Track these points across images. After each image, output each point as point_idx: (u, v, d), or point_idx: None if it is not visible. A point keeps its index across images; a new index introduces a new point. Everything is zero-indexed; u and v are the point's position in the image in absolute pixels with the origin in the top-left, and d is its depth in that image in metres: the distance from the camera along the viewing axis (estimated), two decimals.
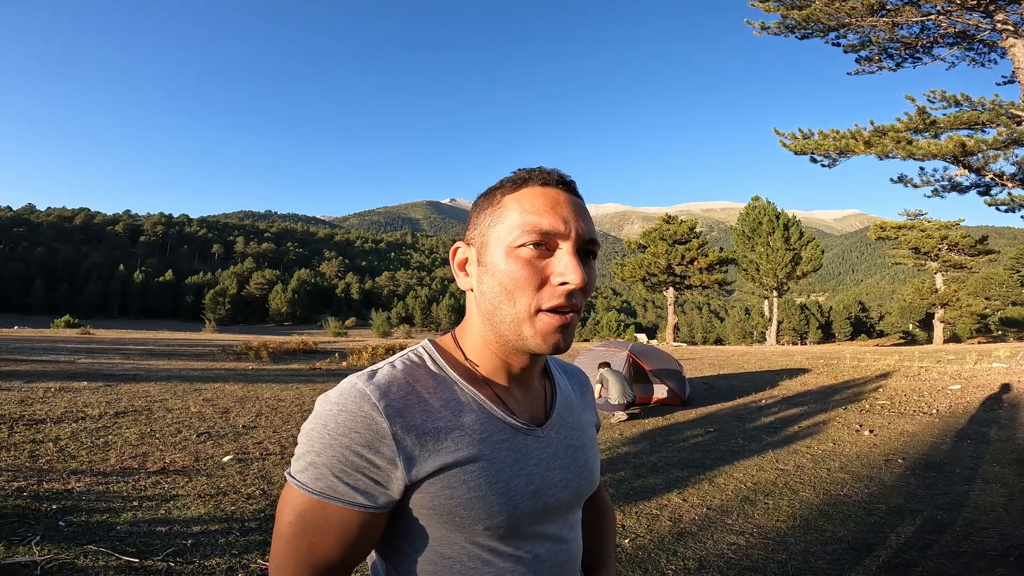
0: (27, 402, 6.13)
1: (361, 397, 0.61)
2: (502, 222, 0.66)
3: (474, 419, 0.66)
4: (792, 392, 9.44)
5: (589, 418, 0.86)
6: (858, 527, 3.54)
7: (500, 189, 0.69)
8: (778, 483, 4.45)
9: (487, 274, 0.66)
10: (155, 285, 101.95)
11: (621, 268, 37.94)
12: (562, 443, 0.75)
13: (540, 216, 0.64)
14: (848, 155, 12.27)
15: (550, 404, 0.78)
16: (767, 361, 15.07)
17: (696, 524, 3.55)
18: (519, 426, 0.69)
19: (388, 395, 0.62)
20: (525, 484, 0.67)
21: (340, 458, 0.59)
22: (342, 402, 0.61)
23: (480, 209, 0.70)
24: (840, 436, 6.18)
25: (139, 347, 15.27)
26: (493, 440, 0.66)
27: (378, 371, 0.65)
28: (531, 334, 0.64)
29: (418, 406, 0.63)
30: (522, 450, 0.68)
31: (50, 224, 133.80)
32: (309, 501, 0.59)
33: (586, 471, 0.77)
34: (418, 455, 0.61)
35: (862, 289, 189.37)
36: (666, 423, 7.03)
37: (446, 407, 0.65)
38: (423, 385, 0.66)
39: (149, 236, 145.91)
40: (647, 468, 4.87)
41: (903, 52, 12.92)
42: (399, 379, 0.64)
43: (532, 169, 0.69)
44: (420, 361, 0.69)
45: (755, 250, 37.21)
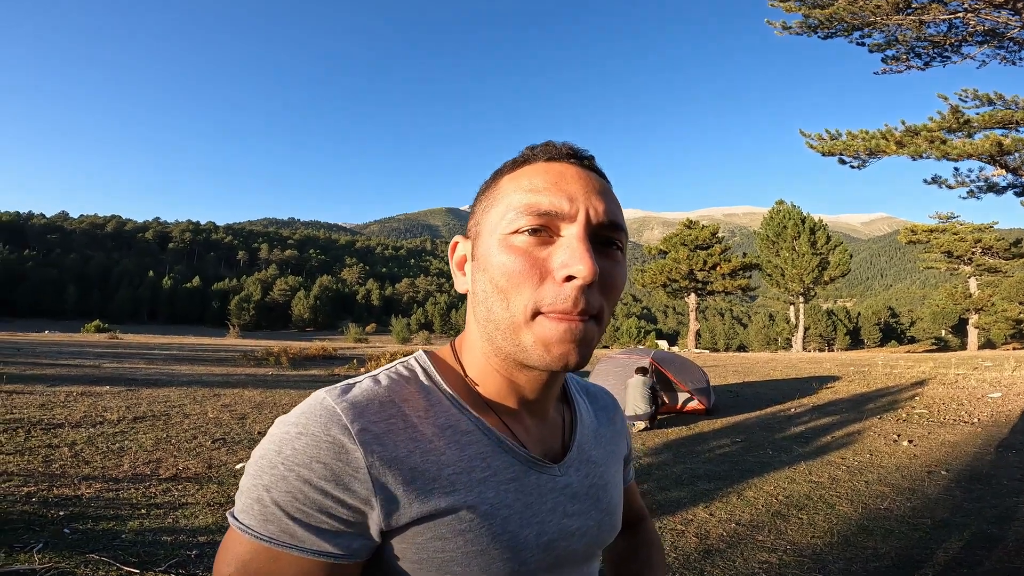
0: (47, 406, 6.19)
1: (329, 417, 0.46)
2: (496, 206, 0.52)
3: (476, 452, 0.51)
4: (823, 400, 9.09)
5: (617, 450, 0.70)
6: (902, 543, 3.31)
7: (502, 170, 0.55)
8: (812, 496, 4.21)
9: (479, 270, 0.52)
10: (183, 291, 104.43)
11: (642, 274, 37.57)
12: (583, 483, 0.60)
13: (539, 194, 0.49)
14: (879, 156, 11.96)
15: (569, 435, 0.62)
16: (794, 368, 14.63)
17: (724, 541, 3.34)
18: (532, 461, 0.54)
19: (364, 416, 0.47)
20: (536, 535, 0.52)
21: (297, 495, 0.44)
22: (304, 423, 0.46)
23: (480, 195, 0.56)
24: (877, 447, 5.87)
25: (164, 352, 15.52)
26: (499, 480, 0.51)
27: (356, 385, 0.51)
28: (531, 343, 0.48)
29: (404, 432, 0.49)
30: (534, 493, 0.54)
31: (83, 231, 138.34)
32: (255, 549, 0.44)
33: (608, 515, 0.62)
34: (401, 495, 0.47)
35: (892, 294, 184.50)
36: (690, 433, 6.79)
37: (440, 435, 0.50)
38: (412, 406, 0.51)
39: (177, 243, 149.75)
40: (671, 480, 4.66)
41: (931, 51, 12.54)
42: (381, 396, 0.50)
43: (539, 144, 0.55)
44: (411, 375, 0.54)
45: (780, 255, 36.50)
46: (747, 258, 36.65)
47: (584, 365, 0.50)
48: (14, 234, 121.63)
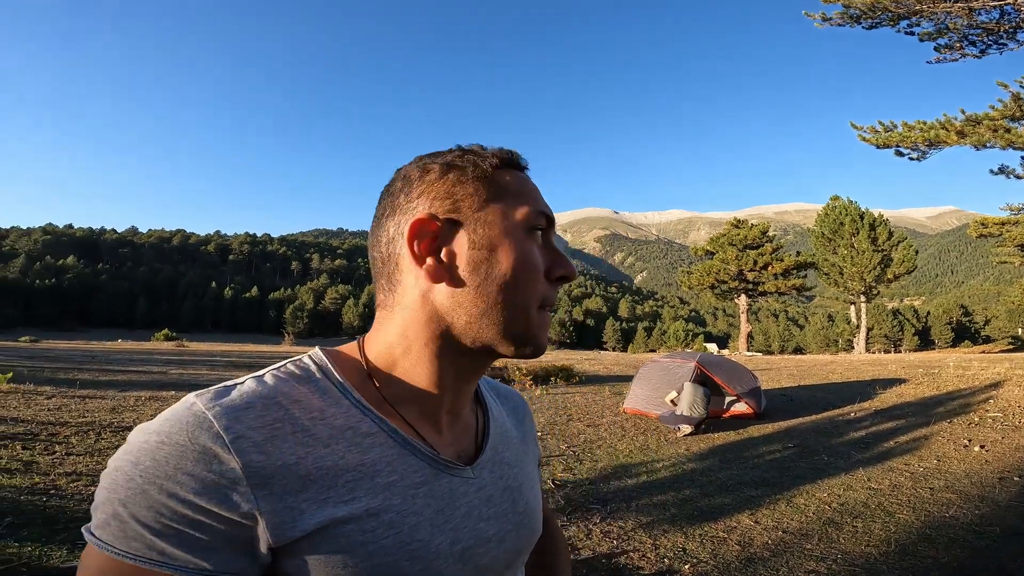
0: (118, 410, 6.62)
1: (197, 424, 0.42)
2: (505, 199, 0.53)
3: (380, 455, 0.48)
4: (886, 404, 8.56)
5: (530, 451, 0.69)
6: (966, 552, 3.09)
7: (482, 160, 0.54)
8: (870, 504, 3.97)
9: (486, 260, 0.51)
10: (242, 301, 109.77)
11: (688, 276, 36.68)
12: (497, 485, 0.58)
13: (538, 201, 0.56)
14: (939, 147, 11.30)
15: (482, 435, 0.61)
16: (855, 371, 13.86)
17: (768, 549, 3.19)
18: (442, 464, 0.52)
19: (242, 421, 0.43)
20: (451, 543, 0.50)
21: (161, 510, 0.40)
22: (167, 431, 0.42)
23: (463, 178, 0.53)
24: (945, 452, 5.48)
25: (225, 359, 16.34)
26: (406, 484, 0.48)
27: (235, 387, 0.46)
28: (538, 328, 0.53)
29: (293, 437, 0.44)
30: (446, 497, 0.51)
31: (151, 245, 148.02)
32: (119, 568, 0.40)
33: (527, 518, 0.60)
34: (291, 506, 0.42)
35: (963, 291, 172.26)
36: (738, 438, 6.55)
37: (338, 438, 0.47)
38: (304, 407, 0.47)
39: (236, 255, 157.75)
40: (715, 486, 4.50)
41: (985, 38, 11.74)
42: (265, 398, 0.45)
43: (498, 149, 0.57)
44: (304, 373, 0.50)
45: (837, 252, 34.80)
46: (801, 257, 35.14)
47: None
48: (89, 249, 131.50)
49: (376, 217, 0.56)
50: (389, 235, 0.53)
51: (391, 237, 0.53)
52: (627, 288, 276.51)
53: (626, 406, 8.09)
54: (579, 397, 9.39)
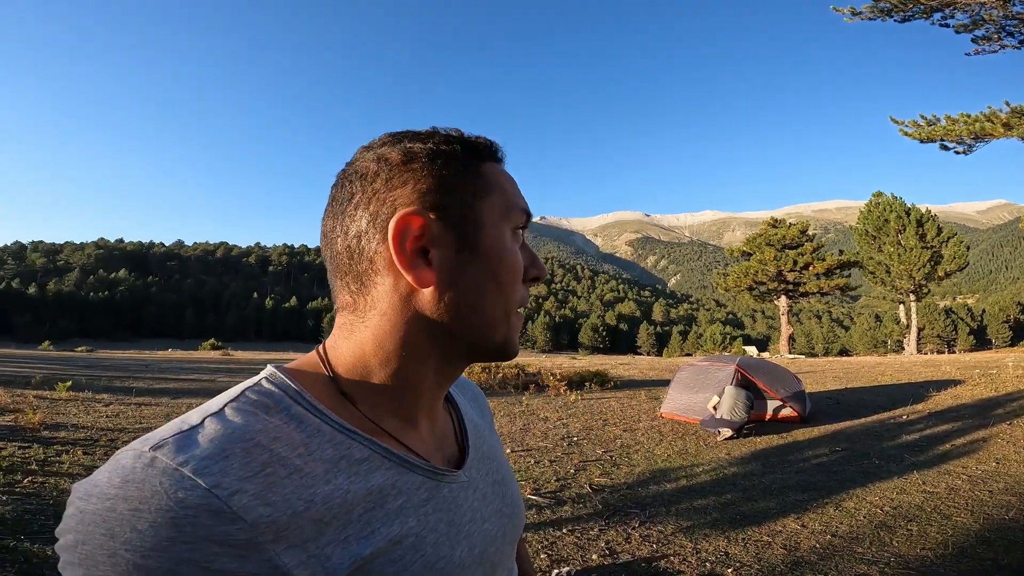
0: (171, 416, 6.93)
1: (174, 483, 0.34)
2: (490, 196, 0.49)
3: (382, 479, 0.43)
4: (941, 406, 8.16)
5: (496, 440, 0.67)
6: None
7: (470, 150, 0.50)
8: (925, 507, 3.81)
9: (475, 260, 0.47)
10: (282, 311, 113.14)
11: (724, 278, 35.78)
12: (486, 481, 0.56)
13: (520, 198, 0.52)
14: (985, 139, 10.82)
15: (461, 434, 0.58)
16: (906, 372, 13.28)
17: (816, 553, 3.10)
18: (439, 474, 0.48)
19: (229, 472, 0.35)
20: (468, 550, 0.48)
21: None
22: (135, 496, 0.33)
23: (453, 170, 0.48)
24: (1005, 455, 5.20)
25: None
26: (414, 504, 0.45)
27: (195, 431, 0.38)
28: (509, 333, 0.50)
29: (289, 480, 0.38)
30: (452, 507, 0.48)
31: (196, 258, 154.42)
32: None
33: (515, 507, 0.59)
34: (316, 555, 0.37)
35: (1021, 288, 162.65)
36: (782, 442, 6.36)
37: (335, 470, 0.41)
38: (285, 442, 0.39)
39: (276, 266, 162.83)
40: (758, 491, 4.39)
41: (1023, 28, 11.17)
42: (242, 440, 0.38)
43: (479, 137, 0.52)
44: (270, 402, 0.42)
45: (883, 250, 33.44)
46: (844, 256, 33.81)
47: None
48: (139, 262, 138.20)
49: (337, 200, 0.48)
50: (360, 227, 0.46)
51: (362, 230, 0.46)
52: (660, 291, 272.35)
53: (663, 411, 7.96)
54: (614, 402, 9.30)
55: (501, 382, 11.26)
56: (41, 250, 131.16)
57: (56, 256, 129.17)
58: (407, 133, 0.50)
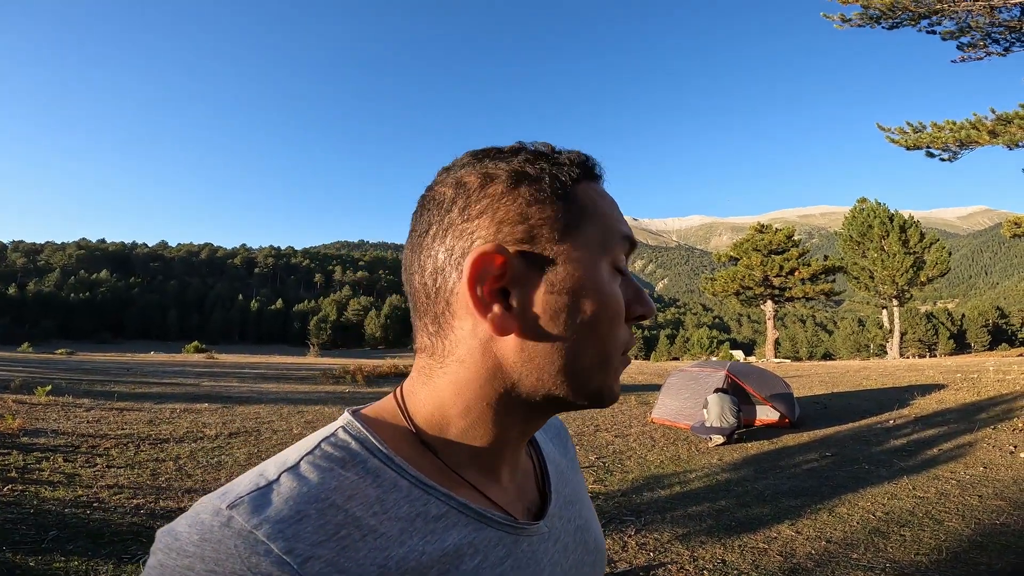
0: (155, 422, 6.78)
1: (248, 547, 0.33)
2: (593, 224, 0.43)
3: (458, 538, 0.40)
4: (927, 411, 8.28)
5: (580, 479, 0.63)
6: (1019, 558, 3.01)
7: (560, 171, 0.43)
8: (917, 512, 3.85)
9: (575, 304, 0.41)
10: (268, 313, 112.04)
11: (711, 282, 36.08)
12: (567, 529, 0.51)
13: (622, 224, 0.45)
14: (971, 147, 11.05)
15: (542, 479, 0.54)
16: (891, 376, 13.46)
17: (812, 559, 3.11)
18: (519, 528, 0.45)
19: (302, 537, 0.34)
20: None
21: None
22: (211, 556, 0.33)
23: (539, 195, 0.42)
24: (992, 459, 5.28)
25: (254, 371, 16.61)
26: (491, 562, 0.41)
27: (271, 488, 0.36)
28: (604, 379, 0.43)
29: (363, 543, 0.36)
30: (530, 563, 0.45)
31: (180, 259, 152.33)
32: None
33: (597, 553, 0.55)
34: None
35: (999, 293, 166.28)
36: (773, 447, 6.40)
37: (410, 530, 0.39)
38: (360, 501, 0.38)
39: (262, 268, 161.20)
40: (752, 497, 4.40)
41: (1008, 36, 11.46)
42: (317, 501, 0.36)
43: (574, 153, 0.46)
44: (346, 455, 0.40)
45: (867, 256, 33.95)
46: (829, 261, 34.28)
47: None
48: (121, 263, 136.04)
49: (415, 231, 0.44)
50: (437, 263, 0.42)
51: (439, 267, 0.42)
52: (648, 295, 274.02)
53: (654, 416, 7.97)
54: (605, 408, 9.31)
55: None
56: (21, 250, 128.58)
57: (37, 256, 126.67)
58: (490, 151, 0.45)
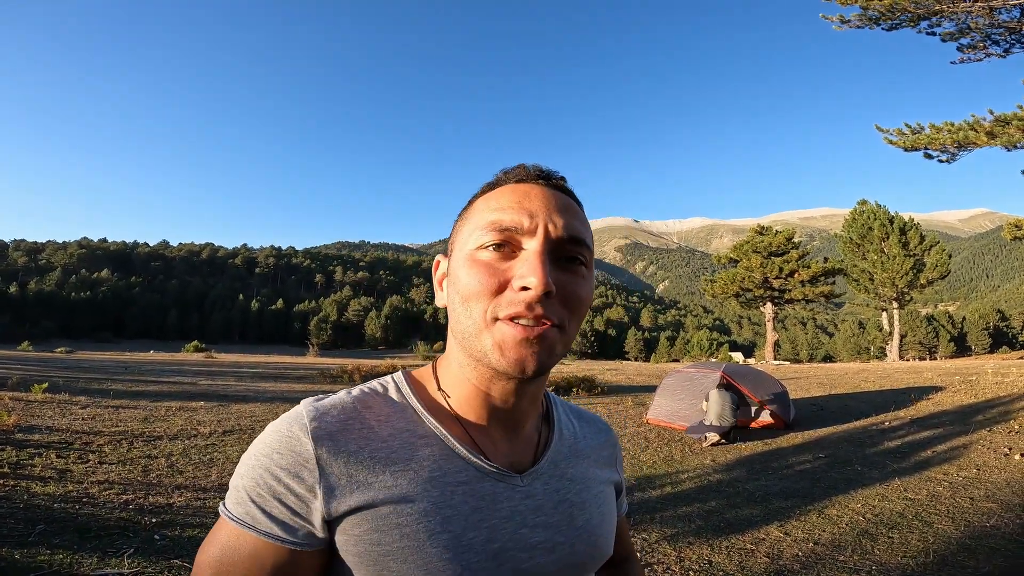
0: (149, 420, 6.78)
1: (295, 417, 0.53)
2: (467, 225, 0.58)
3: (429, 454, 0.55)
4: (923, 413, 8.26)
5: (603, 475, 0.69)
6: (1008, 562, 2.98)
7: (478, 193, 0.61)
8: (906, 514, 3.83)
9: (451, 284, 0.57)
10: (269, 313, 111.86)
11: (711, 284, 36.04)
12: (551, 497, 0.60)
13: (503, 212, 0.55)
14: (969, 148, 11.01)
15: (542, 450, 0.63)
16: (889, 379, 13.44)
17: (799, 561, 3.09)
18: (487, 469, 0.56)
19: (324, 417, 0.53)
20: (485, 540, 0.53)
21: (259, 480, 0.50)
22: (278, 424, 0.53)
23: (458, 217, 0.62)
24: (985, 461, 5.26)
25: (252, 370, 16.63)
26: (447, 481, 0.54)
27: (332, 395, 0.58)
28: (490, 347, 0.52)
29: (359, 432, 0.54)
30: (487, 498, 0.55)
31: (181, 258, 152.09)
32: (228, 529, 0.50)
33: (585, 534, 0.60)
34: (343, 485, 0.51)
35: (1000, 296, 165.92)
36: (767, 448, 6.39)
37: (396, 437, 0.55)
38: (374, 412, 0.56)
39: (263, 268, 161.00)
40: (742, 498, 4.39)
41: (1008, 37, 11.42)
42: (346, 403, 0.56)
43: (512, 167, 0.60)
44: (382, 390, 0.60)
45: (867, 258, 33.91)
46: (829, 263, 34.21)
47: (544, 372, 0.53)
48: (122, 262, 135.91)
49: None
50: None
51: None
52: (649, 297, 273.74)
53: (649, 417, 7.96)
54: (601, 408, 9.30)
55: None
56: (23, 249, 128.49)
57: (38, 255, 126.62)
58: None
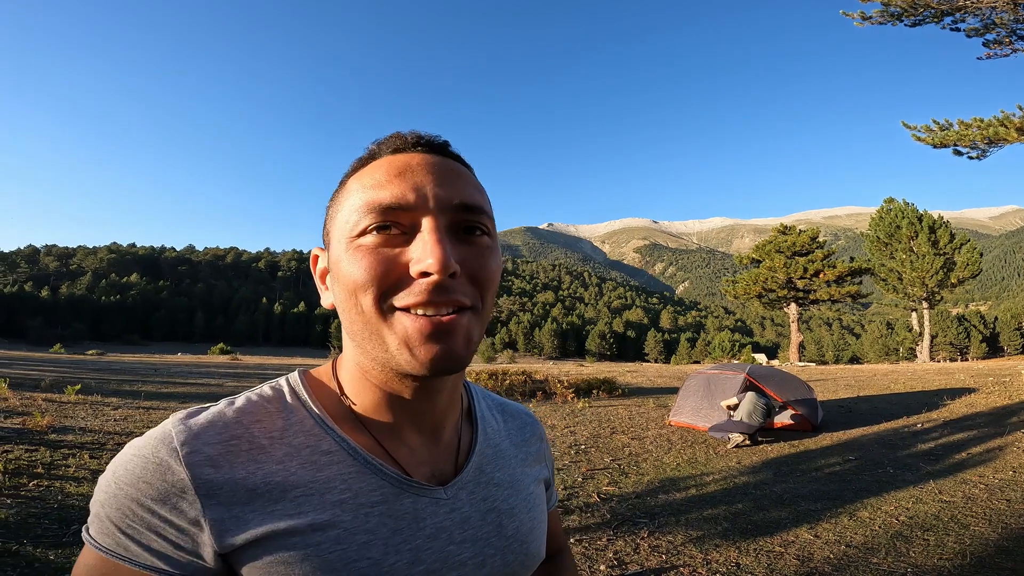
0: None
1: (161, 440, 0.45)
2: (342, 210, 0.49)
3: (336, 473, 0.48)
4: (956, 415, 8.02)
5: (531, 473, 0.64)
6: None
7: (349, 171, 0.52)
8: (942, 517, 3.73)
9: (334, 279, 0.49)
10: (291, 316, 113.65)
11: (733, 285, 35.55)
12: (477, 507, 0.54)
13: (381, 189, 0.46)
14: (999, 144, 10.72)
15: (465, 456, 0.57)
16: (920, 380, 13.09)
17: (830, 563, 3.02)
18: (407, 484, 0.50)
19: (199, 439, 0.45)
20: (408, 563, 0.48)
21: (127, 512, 0.44)
22: (141, 446, 0.46)
23: (330, 201, 0.52)
24: (1021, 463, 5.11)
25: (276, 372, 16.91)
26: (359, 503, 0.47)
27: (208, 408, 0.49)
28: (396, 347, 0.45)
29: (246, 454, 0.46)
30: (407, 517, 0.49)
31: (207, 262, 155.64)
32: (97, 559, 0.45)
33: (516, 543, 0.56)
34: (235, 516, 0.44)
35: None
36: (793, 451, 6.26)
37: (294, 456, 0.47)
38: (264, 427, 0.48)
39: (285, 271, 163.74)
40: (770, 500, 4.31)
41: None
42: (227, 419, 0.48)
43: (386, 137, 0.52)
44: (274, 395, 0.51)
45: (895, 257, 33.06)
46: (855, 263, 33.46)
47: (465, 364, 0.47)
48: (150, 266, 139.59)
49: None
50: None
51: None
52: (668, 299, 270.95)
53: (672, 419, 7.87)
54: (622, 410, 9.22)
55: (508, 389, 11.20)
56: (54, 254, 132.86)
57: (69, 260, 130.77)
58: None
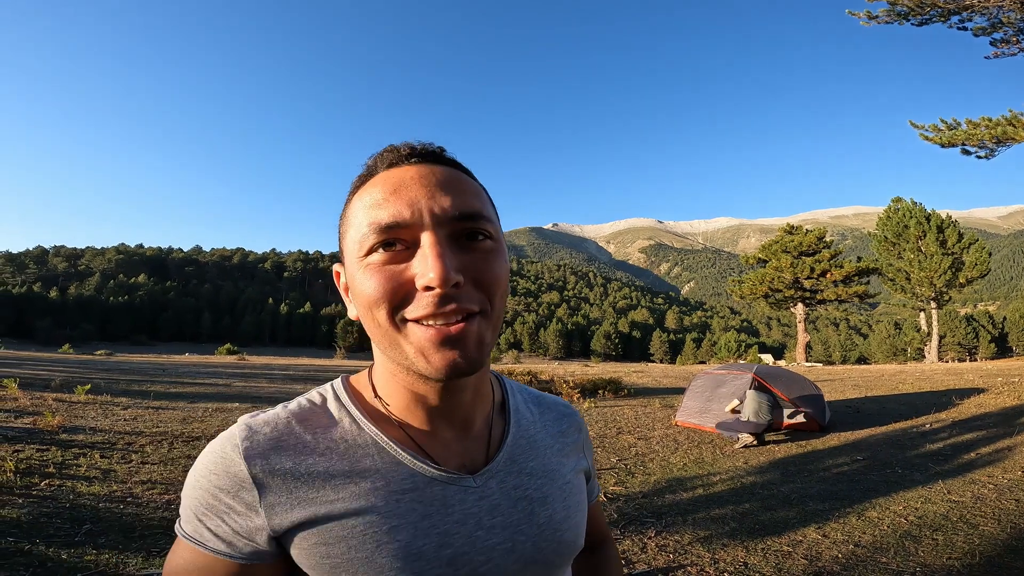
0: (188, 421, 6.96)
1: (228, 437, 0.52)
2: (350, 229, 0.53)
3: (371, 464, 0.53)
4: (965, 415, 7.97)
5: (568, 463, 0.66)
6: None
7: (352, 188, 0.55)
8: (951, 516, 3.71)
9: (352, 294, 0.54)
10: (297, 316, 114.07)
11: (739, 285, 35.41)
12: (508, 495, 0.57)
13: (380, 208, 0.49)
14: (1007, 143, 10.66)
15: (496, 447, 0.60)
16: (928, 380, 12.99)
17: (839, 563, 3.02)
18: (435, 474, 0.54)
19: (256, 435, 0.52)
20: (437, 547, 0.51)
21: (202, 500, 0.51)
22: (215, 443, 0.53)
23: (340, 219, 0.57)
24: None
25: (282, 372, 16.97)
26: (391, 490, 0.52)
27: (266, 411, 0.56)
28: (413, 354, 0.49)
29: (293, 448, 0.52)
30: (437, 503, 0.53)
31: (214, 263, 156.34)
32: (183, 544, 0.52)
33: (549, 530, 0.58)
34: (283, 503, 0.50)
35: None
36: (801, 451, 6.24)
37: (333, 450, 0.53)
38: (309, 425, 0.55)
39: (291, 272, 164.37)
40: (778, 500, 4.30)
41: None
42: (280, 419, 0.54)
43: (381, 151, 0.55)
44: (319, 401, 0.58)
45: (903, 257, 32.84)
46: (863, 262, 33.24)
47: (479, 366, 0.50)
48: (158, 267, 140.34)
49: None
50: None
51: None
52: (674, 299, 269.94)
53: (678, 419, 7.86)
54: (628, 410, 9.21)
55: None
56: (63, 255, 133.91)
57: (77, 261, 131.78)
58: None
